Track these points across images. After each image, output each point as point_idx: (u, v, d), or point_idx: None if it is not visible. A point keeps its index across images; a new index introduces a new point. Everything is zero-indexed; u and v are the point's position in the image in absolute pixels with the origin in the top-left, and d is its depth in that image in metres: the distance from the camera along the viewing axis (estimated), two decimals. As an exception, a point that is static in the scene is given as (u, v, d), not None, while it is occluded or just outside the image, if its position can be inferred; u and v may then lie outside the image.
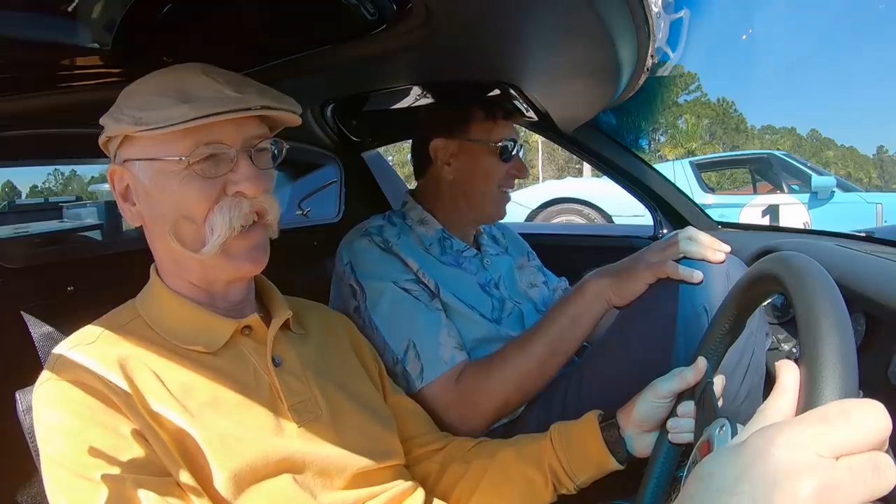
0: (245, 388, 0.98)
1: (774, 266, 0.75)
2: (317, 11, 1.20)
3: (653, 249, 1.38)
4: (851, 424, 0.48)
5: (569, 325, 1.39)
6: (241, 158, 0.97)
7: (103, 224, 2.01)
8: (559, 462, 1.14)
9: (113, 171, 0.99)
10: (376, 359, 1.32)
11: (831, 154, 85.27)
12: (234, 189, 0.97)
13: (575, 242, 2.83)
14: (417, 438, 1.27)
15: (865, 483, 0.47)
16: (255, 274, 1.06)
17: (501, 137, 1.65)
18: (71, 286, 1.39)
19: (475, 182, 1.66)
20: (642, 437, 1.11)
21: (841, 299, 0.61)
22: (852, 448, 0.48)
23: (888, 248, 1.69)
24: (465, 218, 1.72)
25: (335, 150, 2.52)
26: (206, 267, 1.01)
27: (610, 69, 1.36)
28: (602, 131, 2.39)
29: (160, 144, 0.94)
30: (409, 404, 1.31)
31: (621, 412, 1.14)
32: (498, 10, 1.11)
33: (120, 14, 1.01)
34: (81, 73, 1.21)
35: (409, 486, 1.11)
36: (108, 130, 0.97)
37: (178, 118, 0.90)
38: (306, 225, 2.33)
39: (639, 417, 1.09)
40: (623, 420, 1.12)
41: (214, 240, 0.96)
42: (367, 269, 1.51)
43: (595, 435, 1.14)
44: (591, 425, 1.16)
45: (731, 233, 2.41)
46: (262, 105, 0.96)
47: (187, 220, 0.97)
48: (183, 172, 0.94)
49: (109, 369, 0.90)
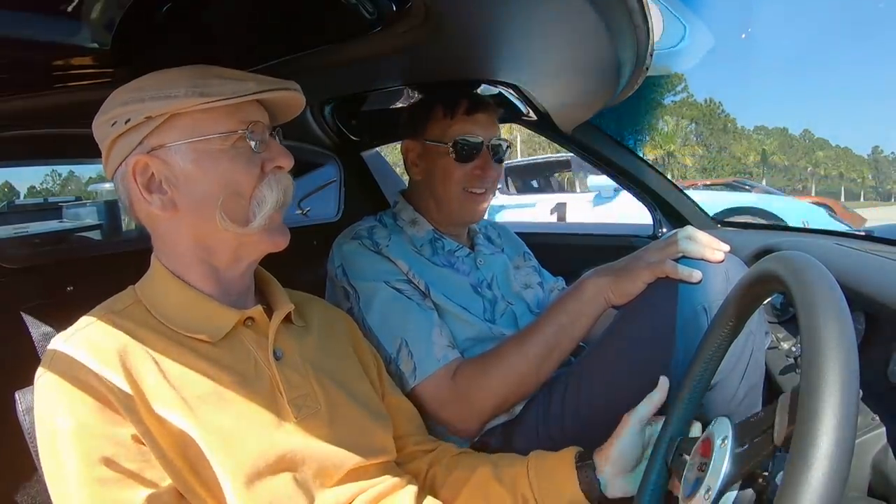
0: (245, 381, 0.98)
1: (776, 265, 0.75)
2: (316, 11, 1.20)
3: (652, 249, 1.37)
4: None
5: (567, 323, 1.39)
6: (272, 138, 1.05)
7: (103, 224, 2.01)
8: (532, 493, 1.14)
9: (136, 161, 0.97)
10: (376, 357, 1.33)
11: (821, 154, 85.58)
12: (272, 165, 1.03)
13: (573, 241, 2.82)
14: (412, 437, 1.28)
15: None
16: (284, 247, 1.08)
17: (457, 135, 1.60)
18: (70, 286, 1.39)
19: (435, 184, 1.64)
20: (617, 479, 1.11)
21: (843, 299, 0.61)
22: None
23: (887, 246, 1.69)
24: (438, 220, 1.71)
25: (334, 149, 2.52)
26: (241, 245, 1.03)
27: (609, 68, 1.36)
28: (601, 130, 2.39)
29: (206, 123, 0.97)
30: (405, 405, 1.32)
31: (598, 454, 1.14)
32: (497, 9, 1.11)
33: (119, 14, 1.01)
34: (80, 73, 1.21)
35: (398, 482, 1.11)
36: (144, 114, 0.95)
37: (242, 91, 0.97)
38: (306, 224, 2.33)
39: (616, 454, 1.10)
40: (600, 461, 1.12)
41: (262, 212, 1.01)
42: (359, 271, 1.51)
43: (570, 472, 1.13)
44: (567, 462, 1.15)
45: (730, 232, 2.41)
46: (293, 87, 1.05)
47: (235, 197, 1.00)
48: (230, 150, 0.99)
49: (106, 360, 0.90)
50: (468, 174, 1.62)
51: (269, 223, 1.03)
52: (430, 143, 1.62)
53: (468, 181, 1.62)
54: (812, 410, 0.55)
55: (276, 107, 1.07)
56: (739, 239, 1.99)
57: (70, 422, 0.85)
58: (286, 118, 1.12)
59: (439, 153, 1.61)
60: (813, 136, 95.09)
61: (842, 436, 0.53)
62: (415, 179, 1.68)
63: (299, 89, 1.06)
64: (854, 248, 1.65)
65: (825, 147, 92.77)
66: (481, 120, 1.62)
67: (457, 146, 1.59)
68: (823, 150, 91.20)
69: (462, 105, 1.61)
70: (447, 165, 1.61)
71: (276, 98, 1.04)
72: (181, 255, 1.04)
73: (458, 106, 1.60)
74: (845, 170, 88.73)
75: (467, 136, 1.59)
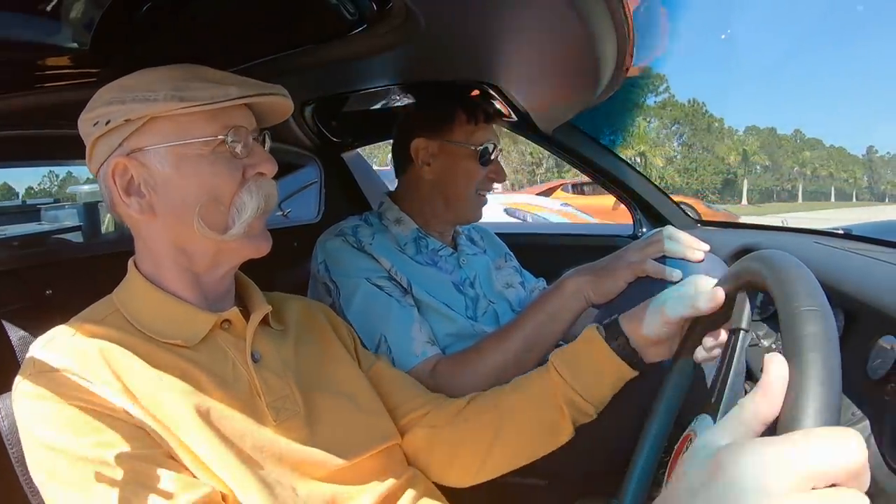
0: (223, 384, 0.97)
1: (756, 263, 0.76)
2: (297, 11, 1.20)
3: (632, 248, 1.38)
4: (827, 455, 0.46)
5: (546, 321, 1.40)
6: (256, 143, 1.03)
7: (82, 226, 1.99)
8: (575, 392, 1.11)
9: (116, 163, 0.97)
10: (352, 334, 1.31)
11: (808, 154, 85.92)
12: (254, 171, 1.02)
13: (554, 242, 2.83)
14: (400, 408, 1.23)
15: None
16: (267, 252, 1.07)
17: (482, 141, 1.66)
18: (50, 289, 1.38)
19: (454, 183, 1.67)
20: (650, 348, 1.08)
21: (823, 296, 0.62)
22: (823, 478, 0.46)
23: (865, 244, 1.71)
24: (441, 218, 1.73)
25: (315, 150, 2.51)
26: (221, 251, 1.02)
27: (589, 69, 1.37)
28: (582, 131, 2.40)
29: (187, 127, 0.96)
30: (386, 370, 1.29)
31: (626, 320, 1.10)
32: (478, 10, 1.11)
33: (99, 13, 1.00)
34: (60, 73, 1.20)
35: (401, 483, 1.10)
36: (123, 116, 0.94)
37: (223, 96, 0.96)
38: (286, 225, 2.32)
39: (646, 334, 1.06)
40: (629, 330, 1.09)
41: (243, 219, 1.00)
42: (341, 268, 1.53)
43: (604, 350, 1.10)
44: (596, 342, 1.11)
45: (710, 231, 2.43)
46: (280, 93, 1.03)
47: (215, 203, 0.98)
48: (211, 155, 0.97)
49: (85, 366, 0.89)
50: (485, 177, 1.69)
51: (250, 230, 1.02)
52: (453, 143, 1.65)
53: (482, 183, 1.69)
54: (794, 406, 0.55)
55: (262, 110, 1.06)
56: (719, 238, 2.01)
57: (52, 431, 0.84)
58: (274, 121, 1.10)
59: (463, 155, 1.66)
60: (804, 136, 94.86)
61: None
62: (423, 177, 1.69)
63: (286, 94, 1.05)
64: (833, 247, 1.67)
65: (817, 147, 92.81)
66: (493, 128, 1.71)
67: (482, 150, 1.65)
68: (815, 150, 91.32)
69: (482, 112, 1.67)
70: (470, 167, 1.66)
71: (260, 102, 1.03)
72: (160, 258, 1.03)
73: (479, 112, 1.66)
74: (835, 170, 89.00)
75: (488, 143, 1.67)
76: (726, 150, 75.17)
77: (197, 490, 0.85)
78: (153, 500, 0.81)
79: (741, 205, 67.92)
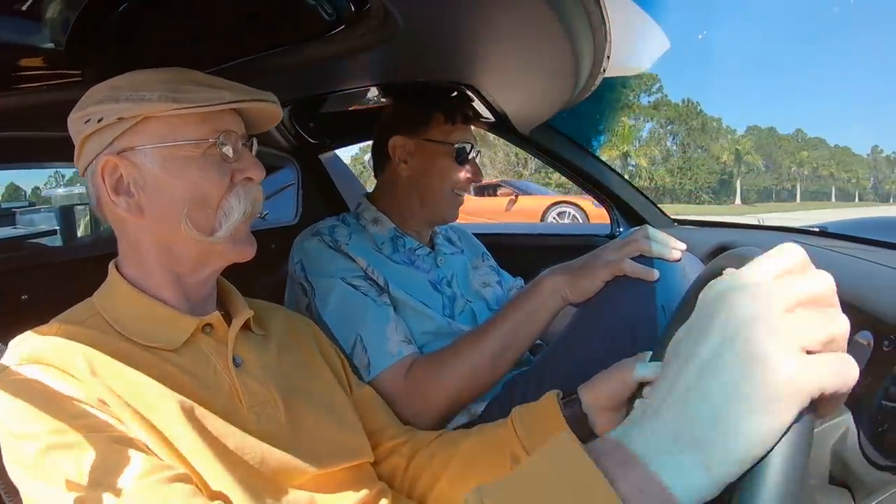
0: (204, 388, 0.97)
1: (732, 262, 0.77)
2: (274, 12, 1.20)
3: (610, 247, 1.39)
4: (775, 261, 0.52)
5: (524, 320, 1.40)
6: (244, 148, 1.04)
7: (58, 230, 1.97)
8: (522, 447, 1.14)
9: (106, 161, 0.97)
10: (339, 355, 1.32)
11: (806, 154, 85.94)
12: (242, 176, 1.02)
13: (532, 242, 2.85)
14: (386, 430, 1.27)
15: (817, 325, 0.49)
16: (251, 257, 1.08)
17: (459, 140, 1.67)
18: (25, 294, 1.37)
19: (430, 181, 1.68)
20: (606, 415, 1.11)
21: None
22: (794, 288, 0.50)
23: (842, 242, 1.74)
24: (418, 217, 1.74)
25: (292, 152, 2.51)
26: (206, 253, 1.02)
27: (567, 70, 1.38)
28: (559, 131, 2.41)
29: (179, 129, 0.96)
30: (373, 397, 1.32)
31: (584, 390, 1.14)
32: (456, 11, 1.12)
33: (74, 14, 0.99)
34: (36, 73, 1.19)
35: (373, 494, 1.10)
36: (116, 114, 0.95)
37: (216, 99, 0.96)
38: (263, 228, 2.32)
39: (603, 395, 1.10)
40: (586, 397, 1.13)
41: (229, 223, 1.00)
42: (317, 268, 1.53)
43: (556, 413, 1.13)
44: (551, 404, 1.15)
45: (686, 230, 2.45)
46: (272, 100, 1.05)
47: (202, 205, 0.99)
48: (201, 158, 0.98)
49: (62, 368, 0.88)
50: (462, 177, 1.70)
51: (235, 233, 1.02)
52: (431, 142, 1.67)
53: (459, 183, 1.70)
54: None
55: (251, 116, 1.07)
56: (696, 237, 2.03)
57: (20, 421, 0.83)
58: (262, 128, 1.12)
59: (440, 153, 1.67)
60: (805, 136, 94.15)
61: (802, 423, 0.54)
62: (400, 175, 1.70)
63: (276, 101, 1.06)
64: (809, 244, 1.69)
65: (819, 146, 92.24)
66: (471, 129, 1.73)
67: (459, 149, 1.67)
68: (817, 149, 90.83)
69: (460, 113, 1.69)
70: (446, 165, 1.68)
71: (251, 108, 1.03)
72: (144, 259, 1.03)
73: (456, 113, 1.68)
74: (836, 170, 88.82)
75: (465, 143, 1.68)
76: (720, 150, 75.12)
77: (170, 470, 0.84)
78: (123, 481, 0.80)
79: (734, 204, 67.86)
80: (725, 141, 77.91)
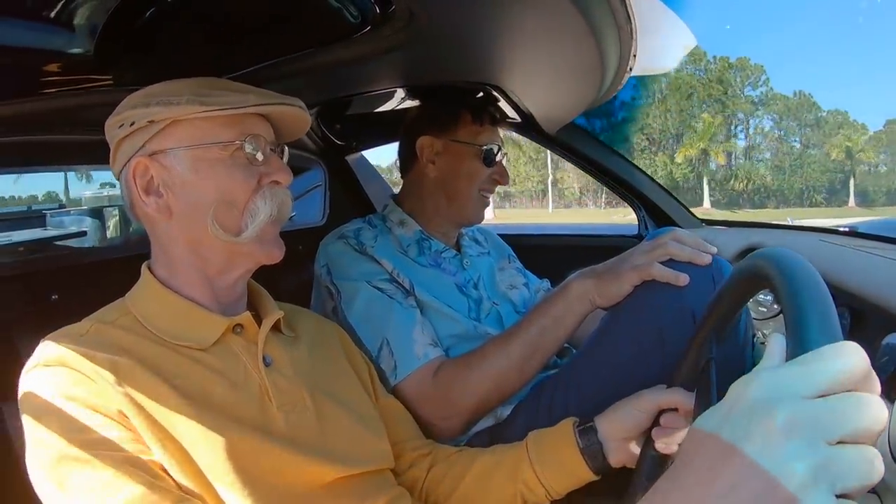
0: (234, 386, 0.98)
1: (761, 262, 0.75)
2: (300, 15, 1.20)
3: (638, 251, 1.36)
4: (827, 363, 0.49)
5: (551, 325, 1.38)
6: (273, 153, 1.07)
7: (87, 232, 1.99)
8: (534, 472, 1.15)
9: (137, 163, 1.00)
10: (367, 362, 1.32)
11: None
12: (270, 179, 1.05)
13: (558, 243, 2.83)
14: (409, 442, 1.27)
15: (846, 416, 0.47)
16: (279, 260, 1.09)
17: (486, 142, 1.68)
18: (55, 295, 1.38)
19: (457, 182, 1.69)
20: (621, 445, 1.12)
21: (828, 294, 0.61)
22: (830, 387, 0.48)
23: (871, 242, 1.71)
24: (444, 218, 1.74)
25: (319, 153, 2.52)
26: (234, 254, 1.04)
27: (593, 69, 1.37)
28: (585, 131, 2.40)
29: (206, 131, 0.99)
30: (398, 408, 1.32)
31: (601, 419, 1.15)
32: (480, 11, 1.11)
33: (102, 19, 1.01)
34: (65, 79, 1.20)
35: (393, 498, 1.10)
36: (147, 118, 0.98)
37: (241, 103, 1.00)
38: (291, 229, 2.32)
39: (619, 426, 1.11)
40: (602, 427, 1.13)
41: (255, 224, 1.02)
42: (343, 271, 1.53)
43: (570, 442, 1.14)
44: (566, 432, 1.16)
45: (715, 230, 2.43)
46: (297, 104, 1.07)
47: (229, 206, 1.01)
48: (228, 160, 1.01)
49: (93, 366, 0.89)
50: (489, 178, 1.71)
51: (262, 235, 1.04)
52: (459, 142, 1.68)
53: (486, 184, 1.72)
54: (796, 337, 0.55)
55: (282, 124, 1.10)
56: (724, 237, 2.01)
57: (43, 426, 0.84)
58: (292, 136, 1.14)
59: (468, 154, 1.69)
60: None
61: None
62: (427, 176, 1.71)
63: (303, 106, 1.07)
64: (838, 245, 1.66)
65: None
66: (498, 131, 1.75)
67: (487, 151, 1.68)
68: None
69: (487, 114, 1.71)
70: (474, 166, 1.69)
71: (278, 113, 1.06)
72: (175, 260, 1.05)
73: (484, 114, 1.70)
74: None
75: (492, 144, 1.70)
76: (831, 147, 67.46)
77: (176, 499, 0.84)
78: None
79: (848, 206, 62.40)
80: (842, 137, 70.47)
